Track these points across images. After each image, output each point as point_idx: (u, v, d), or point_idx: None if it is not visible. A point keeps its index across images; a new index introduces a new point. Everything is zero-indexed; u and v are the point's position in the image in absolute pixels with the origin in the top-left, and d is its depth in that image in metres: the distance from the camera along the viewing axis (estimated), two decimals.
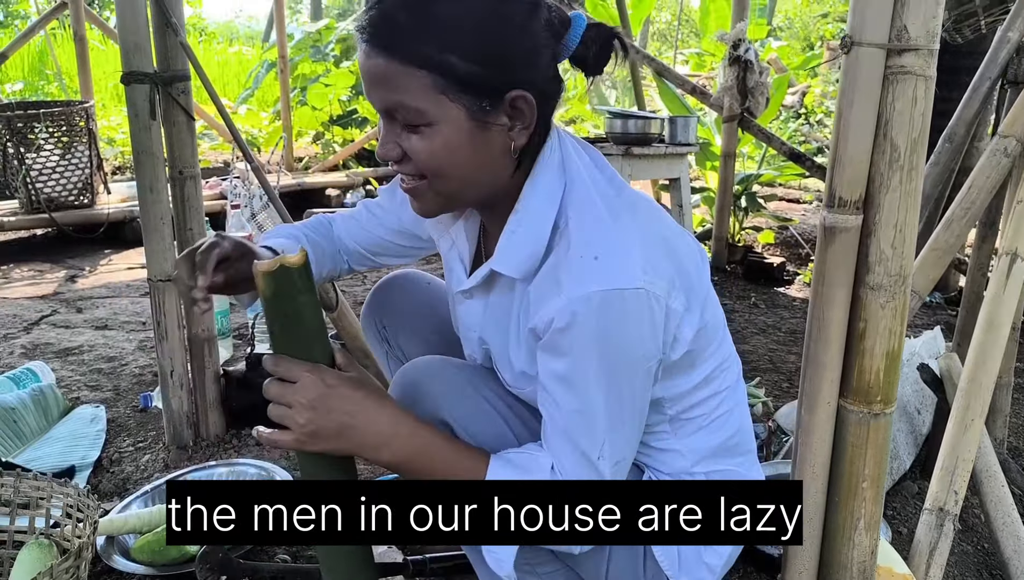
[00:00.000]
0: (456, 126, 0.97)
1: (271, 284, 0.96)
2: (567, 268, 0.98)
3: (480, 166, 1.01)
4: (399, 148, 0.99)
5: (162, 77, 1.90)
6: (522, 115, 0.99)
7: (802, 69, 8.91)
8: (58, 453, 2.06)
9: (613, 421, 1.00)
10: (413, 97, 0.95)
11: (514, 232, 1.04)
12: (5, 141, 3.84)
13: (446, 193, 1.03)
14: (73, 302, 3.28)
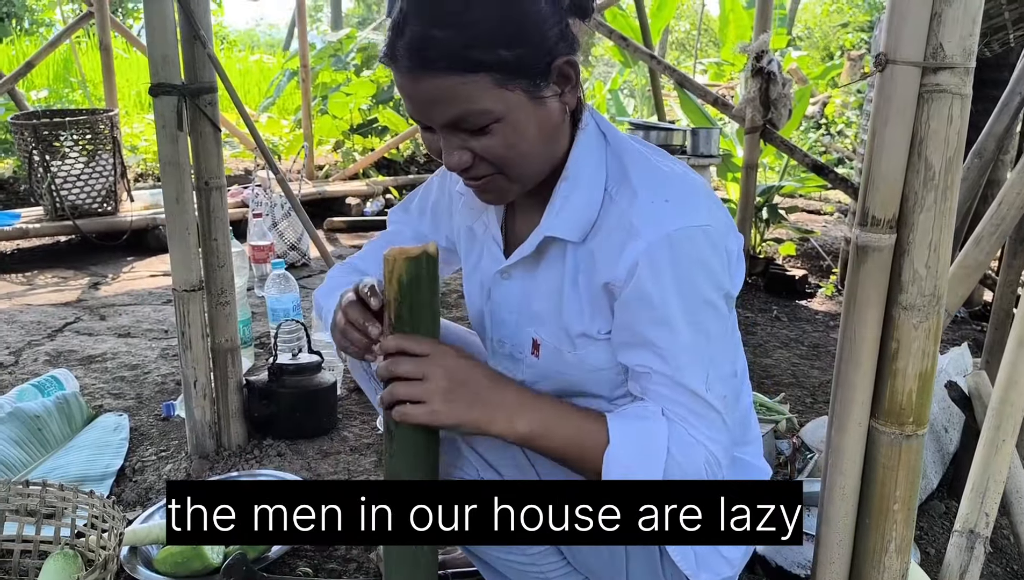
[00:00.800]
0: (522, 112, 0.99)
1: (413, 269, 0.99)
2: (639, 214, 1.02)
3: (549, 138, 1.04)
4: (469, 153, 1.01)
5: (189, 89, 1.91)
6: (569, 79, 1.03)
7: (822, 79, 8.87)
8: (82, 461, 2.07)
9: (710, 353, 1.03)
10: (477, 101, 0.97)
11: (567, 197, 1.07)
12: (31, 148, 3.88)
13: (524, 176, 1.06)
14: (96, 309, 3.31)
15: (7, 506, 1.50)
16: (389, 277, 1.00)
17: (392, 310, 1.01)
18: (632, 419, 1.03)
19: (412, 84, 0.97)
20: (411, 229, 1.41)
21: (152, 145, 6.20)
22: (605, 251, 1.05)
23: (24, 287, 3.60)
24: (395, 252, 0.99)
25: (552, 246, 1.11)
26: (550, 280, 1.13)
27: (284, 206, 3.91)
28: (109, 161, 4.05)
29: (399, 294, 1.00)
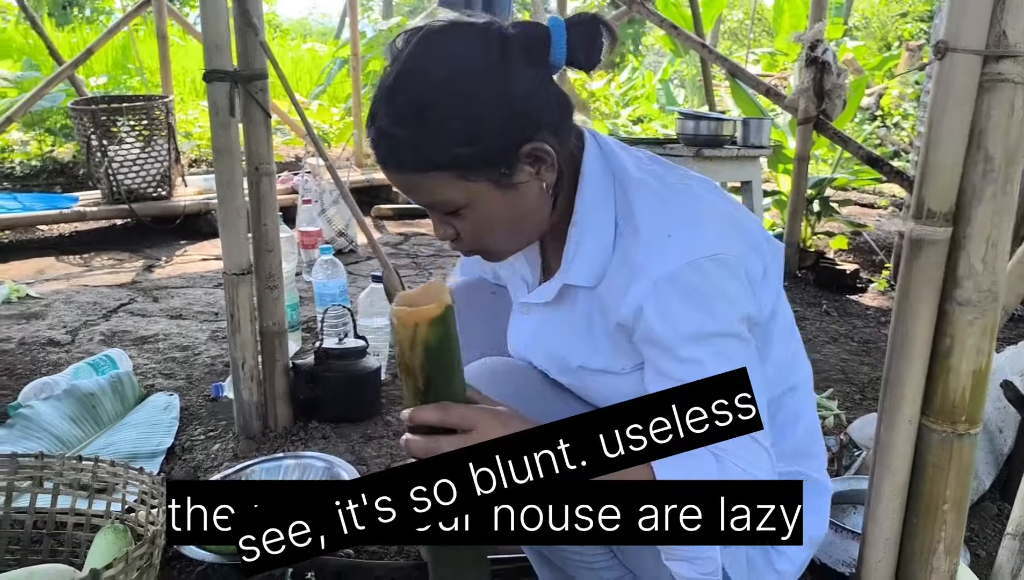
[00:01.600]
0: (488, 200, 1.01)
1: (439, 329, 0.90)
2: (643, 252, 1.01)
3: (523, 217, 1.05)
4: (452, 228, 1.05)
5: (242, 75, 1.93)
6: (542, 160, 1.02)
7: (878, 70, 8.67)
8: (133, 439, 2.12)
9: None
10: (439, 193, 1.00)
11: (579, 243, 1.07)
12: (90, 133, 3.98)
13: (507, 249, 1.10)
14: (150, 291, 3.38)
15: (61, 479, 1.55)
16: (411, 343, 0.90)
17: (420, 379, 0.93)
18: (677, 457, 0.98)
19: (385, 172, 1.03)
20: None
21: (206, 132, 6.31)
22: (611, 291, 1.04)
23: (81, 268, 3.70)
24: (410, 314, 0.89)
25: (571, 290, 1.12)
26: (566, 321, 1.14)
27: (333, 193, 3.95)
28: (164, 146, 4.13)
29: (426, 361, 0.91)
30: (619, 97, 8.54)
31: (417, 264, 3.91)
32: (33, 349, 2.72)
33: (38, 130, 5.71)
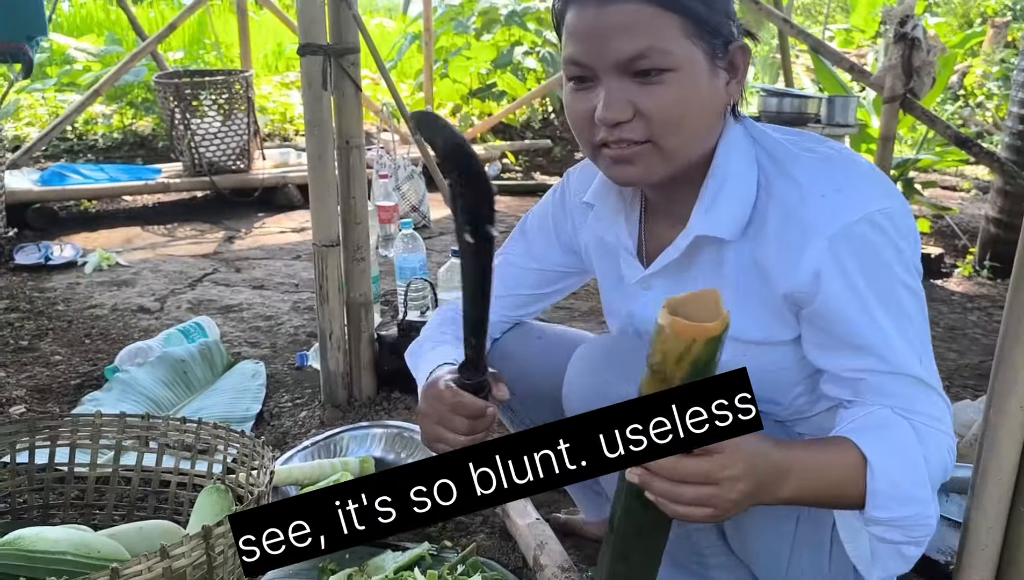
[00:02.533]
0: (698, 71, 0.96)
1: (712, 348, 0.82)
2: (812, 210, 0.97)
3: (710, 118, 1.01)
4: (631, 106, 0.96)
5: (335, 49, 1.96)
6: (737, 69, 1.01)
7: (960, 48, 8.35)
8: (224, 404, 2.19)
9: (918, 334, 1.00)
10: (664, 39, 0.94)
11: (718, 192, 1.03)
12: (173, 107, 4.08)
13: (677, 150, 1.00)
14: (232, 262, 3.47)
15: (166, 440, 1.61)
16: (678, 357, 0.81)
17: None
18: (877, 430, 0.98)
19: (599, 12, 0.94)
20: (528, 258, 1.34)
21: (280, 107, 6.41)
22: (779, 255, 1.00)
23: (166, 238, 3.81)
24: (689, 329, 0.80)
25: (703, 249, 1.06)
26: (701, 283, 1.06)
27: (406, 168, 3.98)
28: (243, 120, 4.22)
29: (688, 378, 0.83)
30: None
31: None
32: (125, 315, 2.82)
33: (120, 103, 5.87)
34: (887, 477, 0.94)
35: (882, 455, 0.95)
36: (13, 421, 1.57)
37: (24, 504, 1.58)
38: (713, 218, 1.03)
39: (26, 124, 5.78)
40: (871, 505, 0.95)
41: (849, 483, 0.95)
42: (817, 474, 0.95)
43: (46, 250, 3.40)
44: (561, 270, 1.34)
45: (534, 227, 1.34)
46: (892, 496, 0.95)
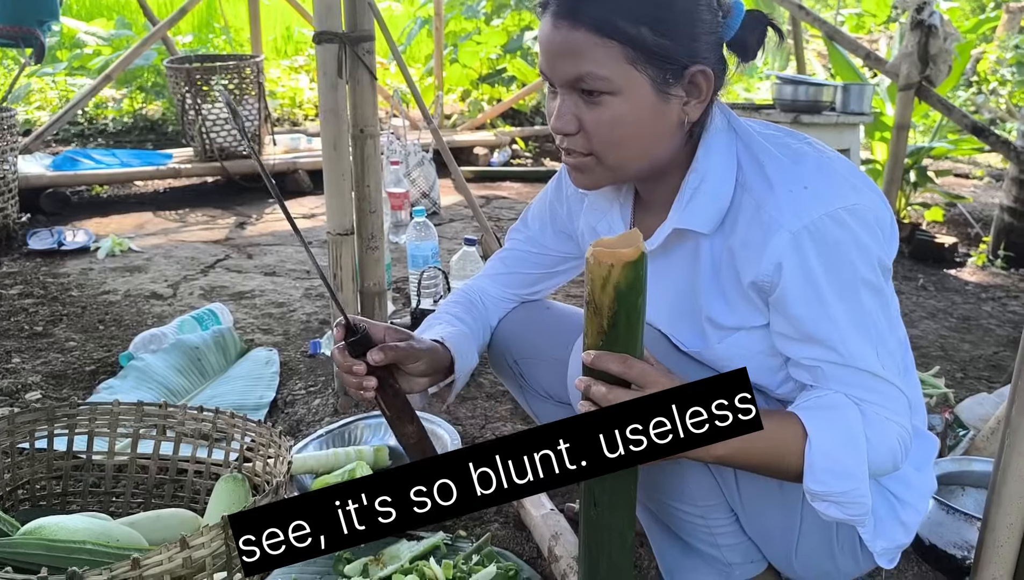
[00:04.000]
0: (640, 96, 1.00)
1: (632, 273, 0.90)
2: (778, 206, 1.01)
3: (654, 138, 1.05)
4: (576, 121, 1.03)
5: (350, 37, 1.95)
6: (699, 90, 1.04)
7: (973, 33, 8.27)
8: (238, 391, 2.20)
9: (877, 331, 1.03)
10: (602, 66, 0.99)
11: (697, 189, 1.07)
12: (184, 92, 4.07)
13: (615, 165, 1.06)
14: (243, 248, 3.48)
15: (183, 429, 1.61)
16: (603, 283, 0.91)
17: (606, 320, 0.93)
18: (823, 410, 1.02)
19: (551, 30, 1.01)
20: (529, 244, 1.42)
21: (289, 91, 6.40)
22: (746, 247, 1.04)
23: (177, 224, 3.82)
24: (607, 255, 0.89)
25: (681, 240, 1.11)
26: (679, 275, 1.13)
27: (417, 154, 3.98)
28: (254, 105, 4.21)
29: (615, 302, 0.91)
30: None
31: (499, 228, 3.92)
32: (138, 301, 2.83)
33: (130, 87, 5.87)
34: (824, 451, 1.00)
35: (822, 431, 1.00)
36: (32, 409, 1.57)
37: (43, 491, 1.59)
38: (690, 213, 1.08)
39: (37, 108, 5.78)
40: (807, 477, 1.00)
41: (788, 453, 1.01)
42: (757, 439, 0.97)
43: (59, 235, 3.40)
44: (560, 255, 1.40)
45: (535, 214, 1.41)
46: (827, 470, 1.00)
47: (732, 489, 1.15)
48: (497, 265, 1.44)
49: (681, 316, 1.15)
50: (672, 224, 1.10)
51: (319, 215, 4.01)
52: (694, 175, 1.08)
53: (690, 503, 1.17)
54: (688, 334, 1.14)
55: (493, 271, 1.44)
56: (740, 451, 0.99)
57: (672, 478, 1.15)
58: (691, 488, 1.15)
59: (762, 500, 1.15)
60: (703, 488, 1.15)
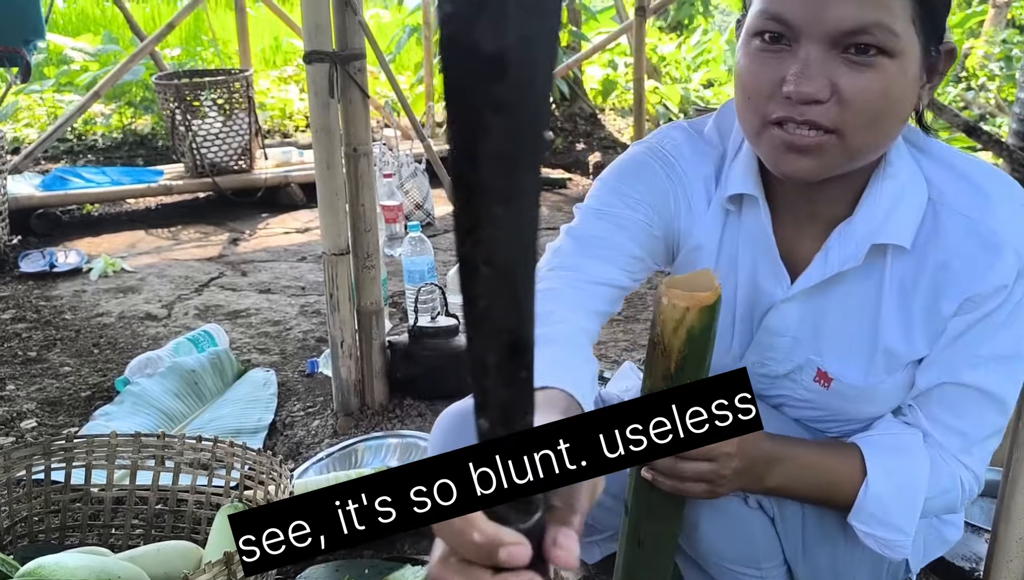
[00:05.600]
0: (912, 65, 0.86)
1: (706, 317, 0.86)
2: (1001, 221, 0.93)
3: (902, 121, 0.91)
4: (830, 89, 0.84)
5: (341, 56, 1.94)
6: (937, 72, 0.92)
7: (960, 28, 8.29)
8: (236, 414, 2.18)
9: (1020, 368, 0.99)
10: (894, 17, 0.83)
11: (899, 198, 0.95)
12: (174, 108, 4.05)
13: (856, 149, 0.88)
14: (237, 265, 3.45)
15: (182, 459, 1.60)
16: (675, 326, 0.86)
17: (673, 363, 0.89)
18: (892, 453, 0.99)
19: None
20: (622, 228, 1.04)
21: (279, 102, 6.37)
22: (960, 264, 0.94)
23: (170, 242, 3.79)
24: (682, 298, 0.84)
25: (869, 259, 0.98)
26: (860, 299, 1.00)
27: (409, 166, 3.96)
28: (244, 120, 4.19)
29: (686, 346, 0.87)
30: (690, 61, 8.35)
31: None
32: (132, 323, 2.81)
33: (118, 103, 5.84)
34: (878, 499, 0.97)
35: (883, 477, 0.97)
36: (28, 443, 1.55)
37: (41, 526, 1.57)
38: (894, 226, 0.95)
39: (25, 125, 5.75)
40: (854, 515, 0.98)
41: (841, 490, 0.99)
42: (809, 472, 0.99)
43: (51, 257, 3.38)
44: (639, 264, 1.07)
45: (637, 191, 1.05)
46: (877, 517, 0.98)
47: (796, 547, 1.09)
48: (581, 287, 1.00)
49: (852, 346, 1.02)
50: (870, 239, 0.95)
51: (313, 229, 3.99)
52: (891, 182, 0.95)
53: (753, 567, 1.09)
54: (855, 366, 1.03)
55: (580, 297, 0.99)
56: (792, 482, 0.97)
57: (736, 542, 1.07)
58: (759, 551, 1.08)
59: (824, 555, 1.10)
60: (769, 550, 1.08)
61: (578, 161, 5.45)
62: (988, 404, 0.99)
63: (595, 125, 6.15)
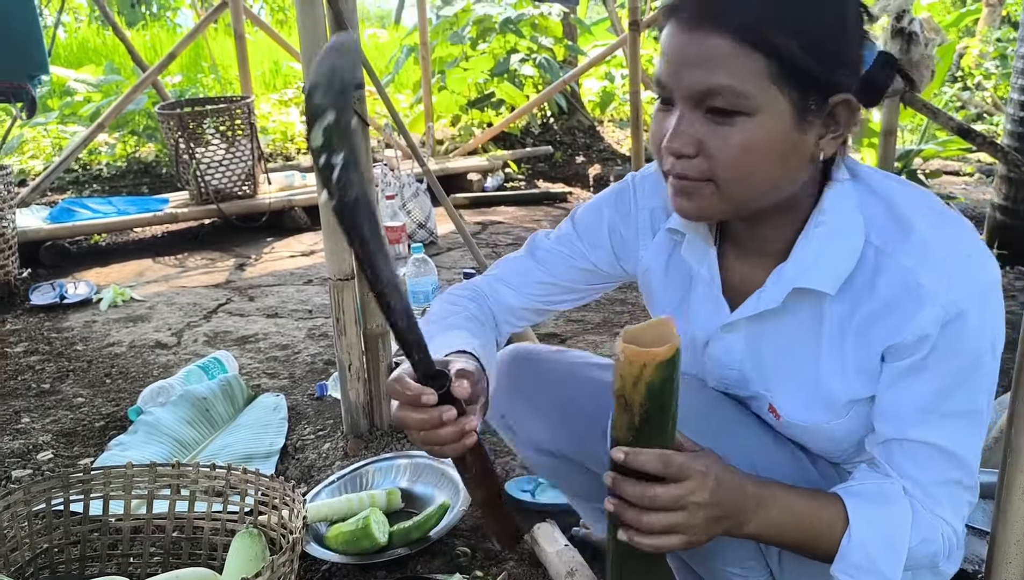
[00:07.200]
0: (777, 121, 0.90)
1: (664, 371, 0.86)
2: (933, 274, 0.93)
3: (785, 172, 0.94)
4: (696, 143, 0.92)
5: None
6: (837, 123, 0.94)
7: (955, 27, 8.33)
8: (247, 440, 2.22)
9: (974, 426, 0.99)
10: (743, 80, 0.88)
11: (826, 243, 0.98)
12: (177, 137, 4.11)
13: (736, 198, 0.95)
14: (244, 290, 3.50)
15: (197, 487, 1.63)
16: (634, 381, 0.86)
17: (637, 417, 0.89)
18: (874, 502, 0.99)
19: (686, 36, 0.90)
20: (572, 252, 1.27)
21: (280, 125, 6.43)
22: (890, 312, 0.96)
23: (177, 269, 3.84)
24: (639, 354, 0.85)
25: (800, 299, 1.01)
26: (799, 340, 1.04)
27: (411, 186, 4.01)
28: (247, 146, 4.25)
29: (647, 400, 0.88)
30: None
31: (496, 253, 3.95)
32: (143, 352, 2.85)
33: (122, 132, 5.91)
34: (863, 548, 0.97)
35: (866, 525, 0.98)
36: (47, 477, 1.59)
37: (61, 557, 1.61)
38: (818, 270, 0.98)
39: (30, 157, 5.82)
40: (837, 565, 0.98)
41: (823, 538, 0.99)
42: (790, 519, 0.98)
43: (60, 289, 3.43)
44: (605, 272, 1.27)
45: (586, 224, 1.26)
46: (861, 567, 0.98)
47: (774, 558, 1.12)
48: (526, 266, 1.28)
49: (795, 385, 1.06)
50: (793, 282, 1.00)
51: (318, 252, 4.03)
52: (821, 227, 0.98)
53: (737, 565, 1.12)
54: (798, 405, 1.07)
55: (516, 272, 1.29)
56: (772, 530, 0.98)
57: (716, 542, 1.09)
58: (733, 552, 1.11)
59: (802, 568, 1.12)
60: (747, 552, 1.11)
61: (578, 174, 5.50)
62: (940, 457, 0.99)
63: (594, 137, 6.20)
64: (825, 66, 0.90)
